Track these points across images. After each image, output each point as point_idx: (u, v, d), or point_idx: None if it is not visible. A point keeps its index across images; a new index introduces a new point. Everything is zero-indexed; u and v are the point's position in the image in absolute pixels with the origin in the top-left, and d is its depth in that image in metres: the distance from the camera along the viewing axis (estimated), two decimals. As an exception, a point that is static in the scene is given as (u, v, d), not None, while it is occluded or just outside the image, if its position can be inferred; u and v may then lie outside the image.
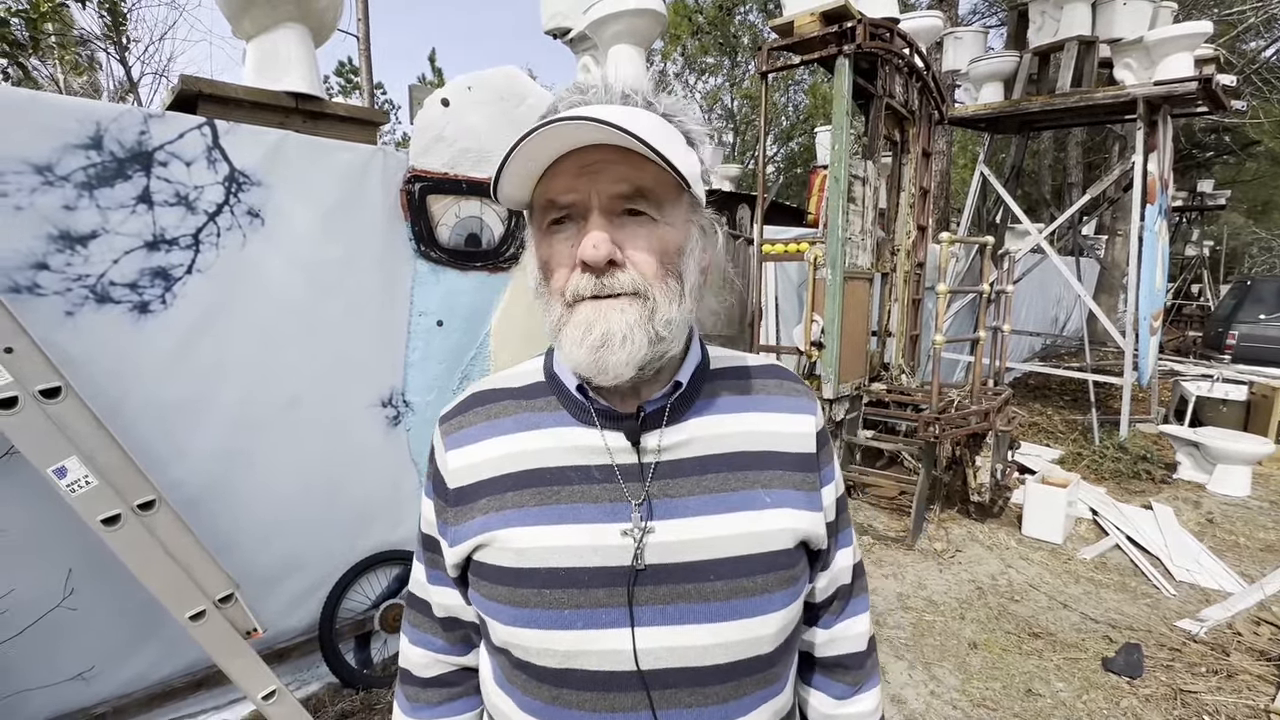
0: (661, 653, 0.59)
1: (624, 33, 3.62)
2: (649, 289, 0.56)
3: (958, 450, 3.98)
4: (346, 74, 13.69)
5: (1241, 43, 10.47)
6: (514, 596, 0.60)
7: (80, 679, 1.82)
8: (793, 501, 0.64)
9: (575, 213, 0.57)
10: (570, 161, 0.55)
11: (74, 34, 7.55)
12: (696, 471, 0.63)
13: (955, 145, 12.42)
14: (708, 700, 0.60)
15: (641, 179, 0.55)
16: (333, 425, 2.23)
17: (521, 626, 0.60)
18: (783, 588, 0.62)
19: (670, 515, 0.61)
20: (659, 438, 0.63)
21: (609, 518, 0.61)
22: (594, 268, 0.55)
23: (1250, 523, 4.02)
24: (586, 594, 0.59)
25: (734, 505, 0.62)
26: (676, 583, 0.59)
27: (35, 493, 1.62)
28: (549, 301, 0.59)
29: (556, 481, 0.62)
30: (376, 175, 2.25)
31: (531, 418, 0.66)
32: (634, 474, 0.62)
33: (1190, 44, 4.99)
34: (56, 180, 1.67)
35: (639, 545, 0.60)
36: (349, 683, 2.26)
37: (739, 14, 13.92)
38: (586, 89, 0.58)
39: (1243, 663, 2.52)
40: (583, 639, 0.59)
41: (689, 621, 0.59)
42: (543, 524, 0.61)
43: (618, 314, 0.55)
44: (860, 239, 3.77)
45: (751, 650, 0.61)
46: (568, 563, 0.60)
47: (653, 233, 0.57)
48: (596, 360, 0.56)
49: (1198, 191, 13.17)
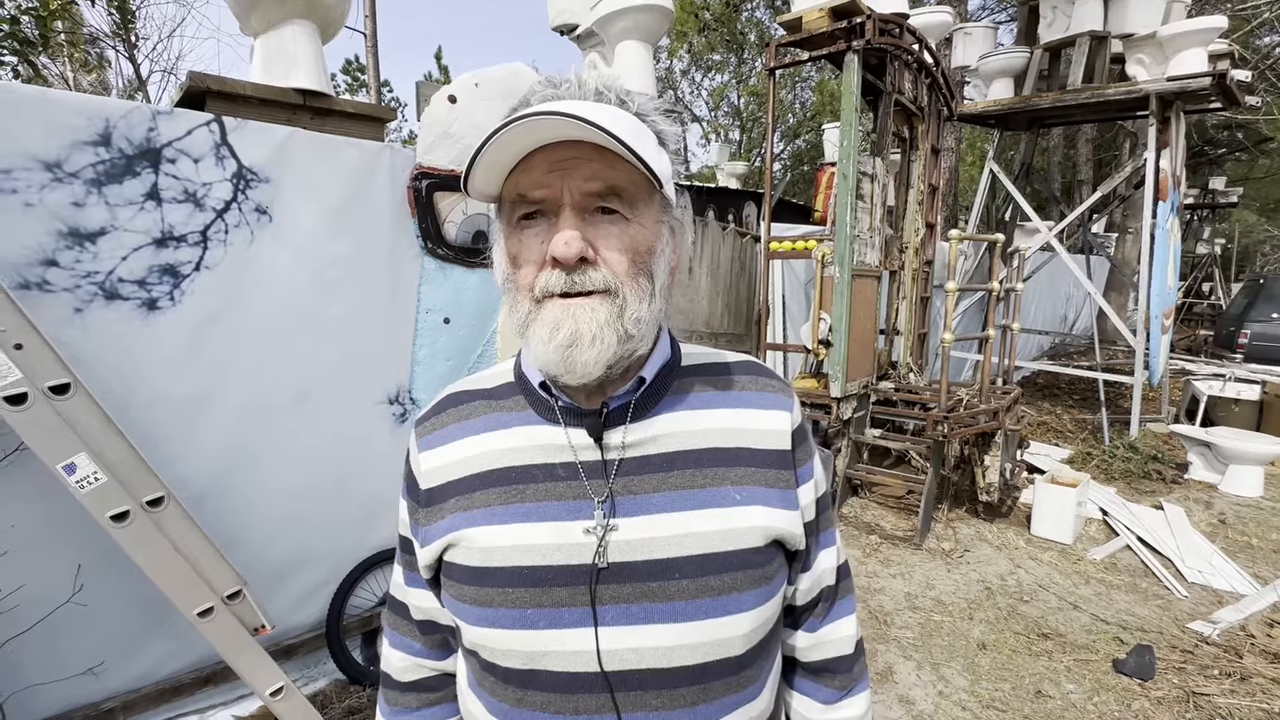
0: (626, 654, 0.58)
1: (631, 29, 3.61)
2: (620, 287, 0.56)
3: (966, 449, 3.95)
4: (354, 71, 13.74)
5: (1256, 38, 10.35)
6: (479, 596, 0.60)
7: (90, 674, 1.83)
8: (765, 499, 0.63)
9: (546, 209, 0.56)
10: (542, 156, 0.54)
11: (83, 32, 7.60)
12: (663, 468, 0.61)
13: (964, 142, 12.35)
14: (675, 704, 0.58)
15: (615, 177, 0.54)
16: (340, 422, 2.24)
17: (486, 626, 0.60)
18: (753, 587, 0.60)
19: (634, 512, 0.60)
20: (623, 434, 0.62)
21: (572, 515, 0.60)
22: (565, 264, 0.54)
23: (1263, 524, 3.97)
24: (548, 593, 0.58)
25: (702, 502, 0.60)
26: (640, 581, 0.58)
27: (45, 489, 1.62)
28: (516, 297, 0.58)
29: (522, 480, 0.62)
30: (384, 172, 2.25)
31: (500, 417, 0.66)
32: (597, 471, 0.61)
33: (1204, 39, 4.93)
34: (66, 177, 1.68)
35: (601, 543, 0.59)
36: (356, 679, 2.26)
37: (746, 10, 13.87)
38: (560, 83, 0.57)
39: (1256, 665, 2.49)
40: (546, 639, 0.58)
41: (653, 621, 0.58)
42: (508, 523, 0.60)
43: (587, 313, 0.55)
44: (868, 236, 3.75)
45: (721, 652, 0.59)
46: (530, 561, 0.59)
47: (625, 231, 0.56)
48: (565, 359, 0.55)
49: (1210, 189, 13.04)
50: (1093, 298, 5.97)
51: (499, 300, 2.57)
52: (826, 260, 3.69)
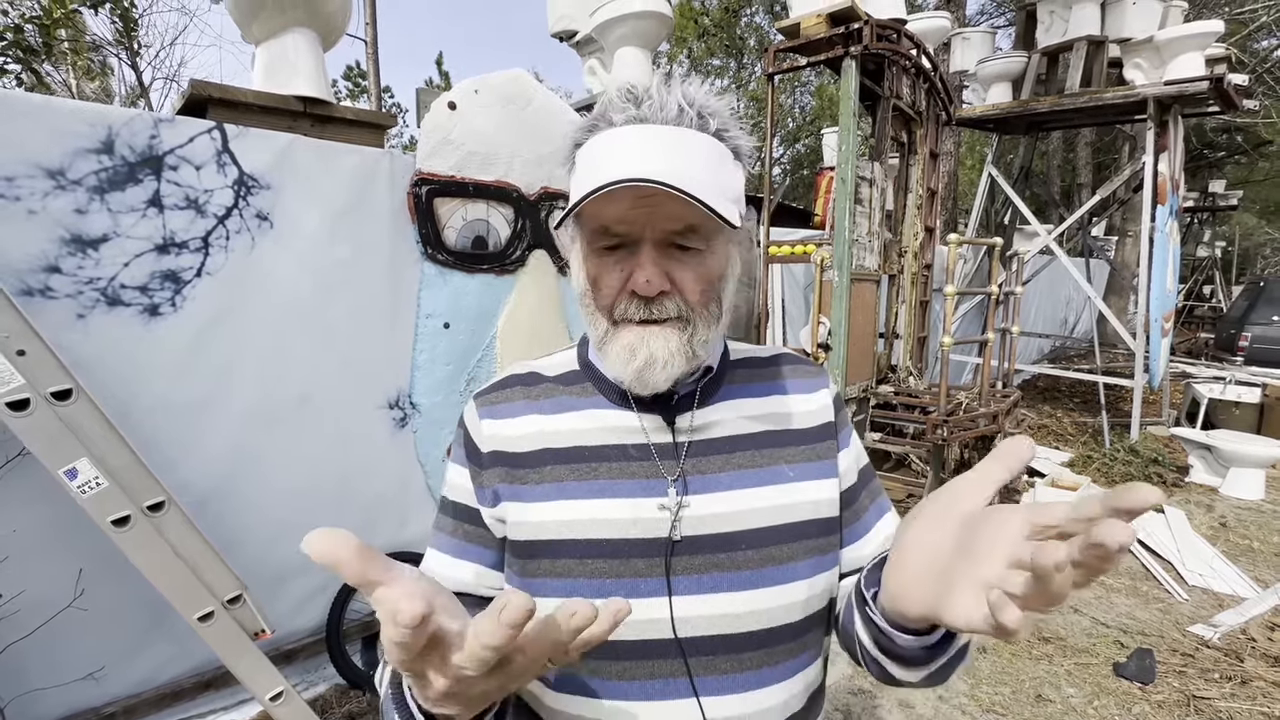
0: (698, 620, 0.62)
1: (630, 35, 3.63)
2: (692, 315, 0.61)
3: (966, 453, 3.95)
4: (355, 78, 13.78)
5: (1253, 41, 10.38)
6: (555, 568, 0.63)
7: (90, 679, 1.83)
8: (815, 473, 0.69)
9: (627, 240, 0.60)
10: (626, 190, 0.55)
11: (86, 40, 7.65)
12: (726, 450, 0.67)
13: (963, 146, 12.38)
14: (742, 666, 0.63)
15: (693, 216, 0.58)
16: (340, 427, 2.24)
17: (561, 596, 0.60)
18: (808, 556, 0.65)
19: (703, 490, 0.65)
20: (691, 419, 0.67)
21: (646, 493, 0.64)
22: (644, 296, 0.59)
23: (1264, 527, 3.97)
24: (627, 564, 0.62)
25: (762, 480, 0.66)
26: (710, 553, 0.63)
27: (46, 494, 1.63)
28: (595, 315, 0.64)
29: (595, 459, 0.66)
30: (384, 178, 2.26)
31: (569, 400, 0.70)
32: (669, 452, 0.66)
33: (1201, 43, 4.94)
34: (68, 184, 1.69)
35: (675, 518, 0.63)
36: (356, 684, 2.26)
37: (745, 16, 13.92)
38: (640, 100, 0.58)
39: (1257, 669, 2.48)
40: None
41: (723, 590, 0.62)
42: (582, 498, 0.64)
43: (661, 341, 0.60)
44: (867, 241, 3.75)
45: (783, 617, 0.64)
46: (608, 534, 0.63)
47: (699, 262, 0.61)
48: (639, 378, 0.61)
49: (1209, 192, 13.06)
50: (1092, 301, 5.98)
51: (499, 305, 2.58)
52: (825, 264, 3.70)
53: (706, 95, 0.60)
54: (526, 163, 2.55)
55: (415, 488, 2.45)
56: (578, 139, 0.62)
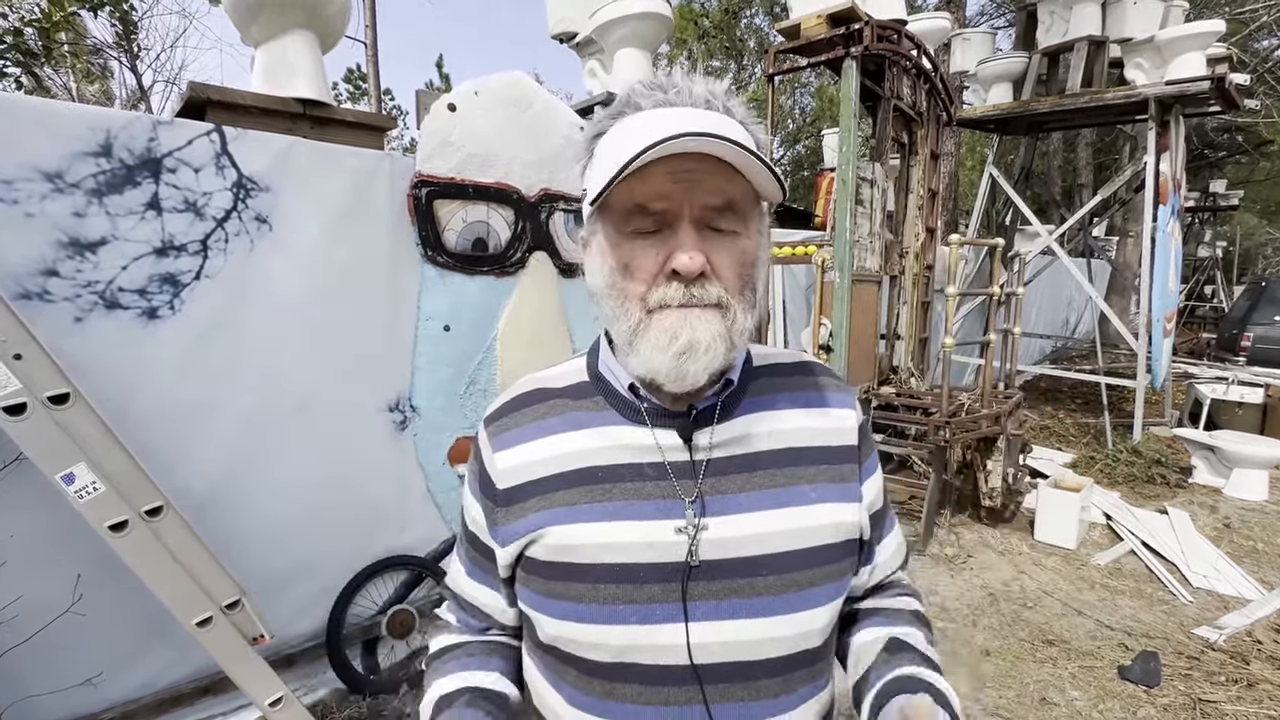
0: (715, 647, 0.60)
1: (630, 37, 3.63)
2: (731, 301, 0.58)
3: (968, 454, 3.94)
4: (354, 80, 13.78)
5: (1254, 41, 10.37)
6: (568, 592, 0.61)
7: (88, 684, 1.82)
8: (836, 495, 0.65)
9: (663, 220, 0.56)
10: (662, 166, 0.53)
11: (86, 43, 7.66)
12: (746, 469, 0.64)
13: (964, 147, 12.36)
14: (760, 694, 0.61)
15: (733, 191, 0.55)
16: (340, 430, 2.23)
17: (575, 621, 0.61)
18: (830, 581, 0.63)
19: (722, 512, 0.62)
20: (710, 435, 0.64)
21: (662, 514, 0.61)
22: (686, 278, 0.56)
23: (1269, 528, 3.95)
24: (641, 589, 0.60)
25: (782, 501, 0.63)
26: (729, 578, 0.60)
27: (44, 499, 1.62)
28: (625, 305, 0.59)
29: (609, 479, 0.63)
30: (384, 180, 2.25)
31: (580, 416, 0.66)
32: (686, 471, 0.63)
33: (1202, 43, 4.94)
34: (67, 187, 1.68)
35: (693, 542, 0.60)
36: (356, 689, 2.25)
37: (745, 17, 13.93)
38: (668, 87, 0.57)
39: (1263, 672, 2.47)
40: (637, 634, 0.59)
41: (742, 616, 0.60)
42: (596, 521, 0.61)
43: (703, 324, 0.56)
44: (868, 241, 3.75)
45: (803, 644, 0.62)
46: (623, 559, 0.60)
47: (736, 245, 0.58)
48: (678, 367, 0.57)
49: (1210, 192, 13.05)
50: (1094, 301, 5.97)
51: (499, 307, 2.57)
52: (827, 265, 3.69)
53: (725, 91, 0.59)
54: (526, 165, 2.54)
55: (415, 491, 2.44)
56: (599, 129, 0.60)
